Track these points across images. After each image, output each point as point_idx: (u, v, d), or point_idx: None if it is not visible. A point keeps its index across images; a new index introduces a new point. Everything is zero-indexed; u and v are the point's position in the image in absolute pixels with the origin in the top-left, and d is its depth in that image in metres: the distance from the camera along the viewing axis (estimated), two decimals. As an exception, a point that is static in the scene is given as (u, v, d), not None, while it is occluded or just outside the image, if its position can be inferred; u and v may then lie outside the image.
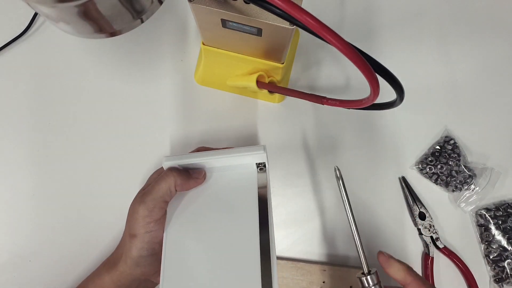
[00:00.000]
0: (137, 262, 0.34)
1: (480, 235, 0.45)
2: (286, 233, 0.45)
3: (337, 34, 0.22)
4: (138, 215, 0.33)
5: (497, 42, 0.50)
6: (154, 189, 0.33)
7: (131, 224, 0.34)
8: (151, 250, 0.34)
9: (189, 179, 0.34)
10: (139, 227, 0.33)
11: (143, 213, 0.33)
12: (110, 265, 0.37)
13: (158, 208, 0.33)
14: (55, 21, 0.30)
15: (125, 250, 0.35)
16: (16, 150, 0.47)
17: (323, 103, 0.37)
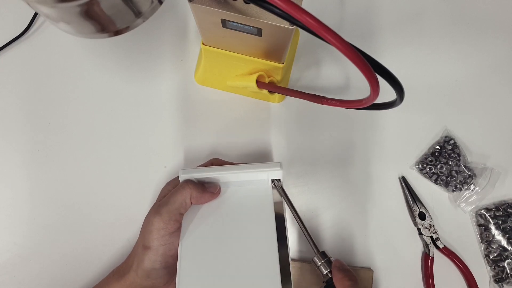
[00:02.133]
0: (149, 274, 0.34)
1: (480, 235, 0.45)
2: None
3: (337, 34, 0.22)
4: (153, 227, 0.33)
5: (497, 42, 0.50)
6: (169, 201, 0.33)
7: (146, 236, 0.34)
8: (165, 263, 0.34)
9: (204, 192, 0.34)
10: (153, 239, 0.33)
11: (158, 225, 0.33)
12: (120, 275, 0.37)
13: (173, 220, 0.33)
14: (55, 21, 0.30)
15: (137, 261, 0.35)
16: (16, 150, 0.47)
17: (323, 103, 0.37)
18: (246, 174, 0.35)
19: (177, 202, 0.33)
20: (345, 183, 0.46)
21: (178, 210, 0.34)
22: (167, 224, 0.33)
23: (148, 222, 0.34)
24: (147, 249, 0.34)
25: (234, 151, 0.47)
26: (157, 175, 0.46)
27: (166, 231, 0.33)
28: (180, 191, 0.34)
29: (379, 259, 0.45)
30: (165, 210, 0.33)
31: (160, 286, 0.35)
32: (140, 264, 0.34)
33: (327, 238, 0.45)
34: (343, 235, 0.45)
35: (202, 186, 0.35)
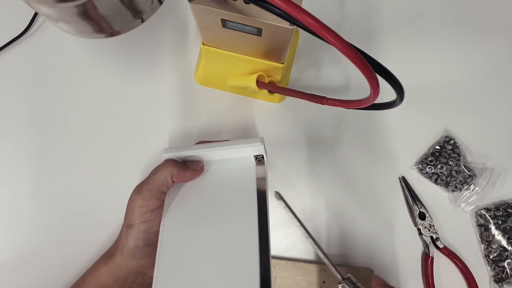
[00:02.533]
0: (133, 253, 0.34)
1: (480, 235, 0.45)
2: (286, 233, 0.45)
3: (337, 34, 0.22)
4: (134, 205, 0.34)
5: (498, 42, 0.50)
6: (150, 179, 0.34)
7: (128, 214, 0.34)
8: (147, 240, 0.34)
9: (186, 170, 0.34)
10: (135, 217, 0.34)
11: (139, 203, 0.33)
12: (107, 257, 0.37)
13: (154, 198, 0.34)
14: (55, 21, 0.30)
15: (122, 241, 0.35)
16: (16, 150, 0.47)
17: (323, 103, 0.37)
18: (228, 151, 0.34)
19: (157, 180, 0.34)
20: (345, 183, 0.46)
21: (159, 188, 0.34)
22: (148, 201, 0.33)
23: (130, 201, 0.34)
24: (130, 227, 0.34)
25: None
26: (157, 175, 0.46)
27: (147, 208, 0.33)
28: (161, 169, 0.34)
29: (379, 259, 0.45)
30: (145, 188, 0.34)
31: (147, 267, 0.35)
32: (125, 243, 0.34)
33: (327, 238, 0.45)
34: (343, 235, 0.45)
35: (184, 164, 0.35)
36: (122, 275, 0.36)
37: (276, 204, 0.46)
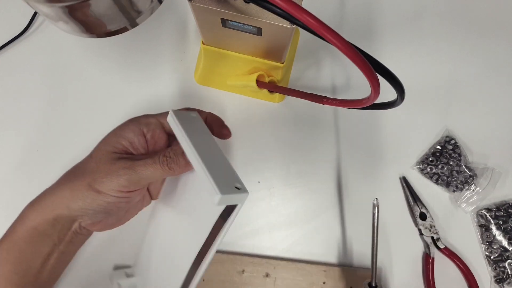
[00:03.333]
0: (85, 212, 0.32)
1: (481, 235, 0.45)
2: (286, 234, 0.45)
3: (337, 34, 0.22)
4: (119, 181, 0.31)
5: (498, 42, 0.50)
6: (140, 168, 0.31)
7: (105, 181, 0.31)
8: (108, 210, 0.32)
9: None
10: (113, 190, 0.31)
11: (124, 183, 0.31)
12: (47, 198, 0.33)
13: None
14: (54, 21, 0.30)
15: (80, 195, 0.31)
16: (15, 150, 0.47)
17: (323, 103, 0.36)
18: (203, 173, 0.29)
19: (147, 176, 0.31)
20: (345, 183, 0.46)
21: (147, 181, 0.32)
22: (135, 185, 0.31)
23: (112, 170, 0.31)
24: (97, 193, 0.31)
25: (234, 151, 0.47)
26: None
27: (129, 189, 0.31)
28: (151, 167, 0.31)
29: (379, 259, 0.44)
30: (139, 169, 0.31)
31: (88, 223, 0.33)
32: (82, 204, 0.31)
33: (327, 238, 0.45)
34: (343, 235, 0.45)
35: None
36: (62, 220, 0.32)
37: (276, 204, 0.46)
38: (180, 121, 0.31)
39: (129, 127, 0.33)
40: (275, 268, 0.43)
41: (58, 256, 0.34)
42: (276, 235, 0.45)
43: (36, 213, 0.33)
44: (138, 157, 0.33)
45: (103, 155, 0.32)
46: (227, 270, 0.44)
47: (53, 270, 0.34)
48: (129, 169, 0.31)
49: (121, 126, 0.34)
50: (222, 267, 0.44)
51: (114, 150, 0.32)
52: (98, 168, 0.31)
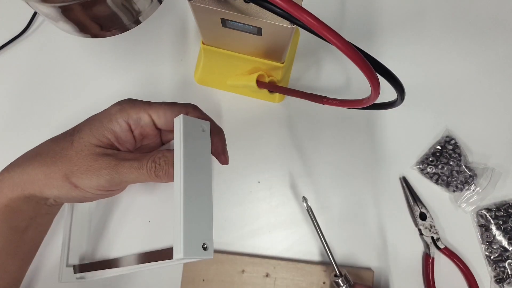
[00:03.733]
0: (60, 198, 0.30)
1: (481, 235, 0.45)
2: (286, 234, 0.45)
3: (337, 33, 0.22)
4: (99, 181, 0.28)
5: (498, 42, 0.49)
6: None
7: (84, 178, 0.28)
8: (83, 200, 0.31)
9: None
10: (91, 188, 0.29)
11: (104, 183, 0.29)
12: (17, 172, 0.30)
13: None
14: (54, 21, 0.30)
15: (54, 184, 0.29)
16: (14, 150, 0.47)
17: (323, 103, 0.36)
18: (179, 226, 0.26)
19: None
20: (345, 183, 0.46)
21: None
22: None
23: (100, 165, 0.28)
24: (76, 188, 0.28)
25: (234, 151, 0.47)
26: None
27: (107, 189, 0.29)
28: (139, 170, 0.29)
29: (379, 259, 0.44)
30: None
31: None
32: (52, 189, 0.29)
33: (327, 238, 0.45)
34: (343, 235, 0.45)
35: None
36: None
37: (276, 204, 0.46)
38: (185, 135, 0.28)
39: (117, 120, 0.30)
40: (275, 268, 0.43)
41: (36, 227, 0.33)
42: (276, 235, 0.45)
43: (7, 189, 0.30)
44: (123, 154, 0.30)
45: (86, 147, 0.29)
46: (227, 270, 0.44)
47: (32, 242, 0.33)
48: (112, 170, 0.28)
49: (109, 116, 0.30)
50: (222, 267, 0.44)
51: (98, 144, 0.29)
52: (78, 161, 0.28)
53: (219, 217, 0.46)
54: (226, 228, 0.45)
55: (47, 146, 0.30)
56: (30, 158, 0.30)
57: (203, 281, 0.43)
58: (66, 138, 0.30)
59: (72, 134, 0.30)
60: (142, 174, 0.29)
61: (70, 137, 0.29)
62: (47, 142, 0.31)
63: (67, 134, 0.30)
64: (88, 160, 0.28)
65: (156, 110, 0.31)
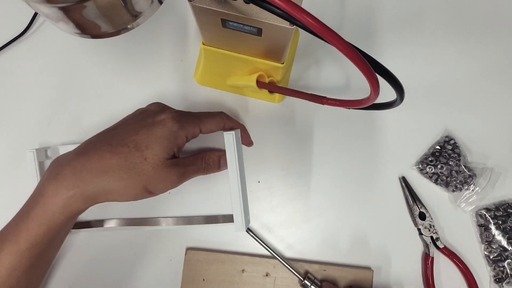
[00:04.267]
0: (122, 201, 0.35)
1: (480, 235, 0.45)
2: (286, 233, 0.45)
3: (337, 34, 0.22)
4: (172, 185, 0.36)
5: (498, 42, 0.50)
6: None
7: (160, 186, 0.35)
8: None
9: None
10: (162, 191, 0.36)
11: (174, 186, 0.37)
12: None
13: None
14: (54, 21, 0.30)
15: (133, 194, 0.35)
16: (16, 150, 0.47)
17: (323, 103, 0.37)
18: (239, 208, 0.39)
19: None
20: (345, 183, 0.46)
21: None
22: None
23: (169, 173, 0.36)
24: (149, 193, 0.35)
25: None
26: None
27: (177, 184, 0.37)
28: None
29: (379, 259, 0.45)
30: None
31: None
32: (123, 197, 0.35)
33: (327, 238, 0.45)
34: (343, 235, 0.45)
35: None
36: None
37: (276, 204, 0.46)
38: (237, 145, 0.38)
39: (180, 136, 0.36)
40: (275, 268, 0.44)
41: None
42: (276, 235, 0.45)
43: (80, 203, 0.33)
44: (183, 160, 0.37)
45: (160, 162, 0.34)
46: (227, 270, 0.44)
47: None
48: (182, 176, 0.37)
49: (174, 133, 0.35)
50: (222, 266, 0.44)
51: (167, 157, 0.35)
52: (155, 174, 0.34)
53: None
54: (226, 228, 0.46)
55: (115, 162, 0.34)
56: (100, 175, 0.33)
57: (203, 281, 0.44)
58: (135, 154, 0.34)
59: (141, 150, 0.34)
60: (198, 174, 0.39)
61: (141, 153, 0.34)
62: (111, 159, 0.34)
63: (131, 150, 0.34)
64: (163, 172, 0.35)
65: (204, 124, 0.38)
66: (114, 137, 0.35)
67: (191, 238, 0.45)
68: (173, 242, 0.45)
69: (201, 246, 0.45)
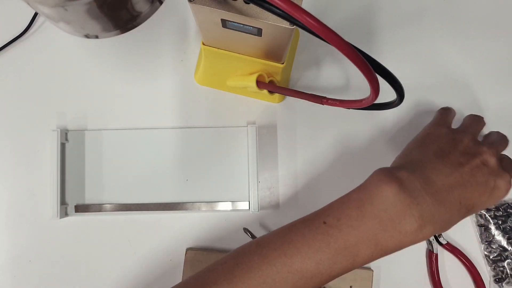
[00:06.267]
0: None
1: (480, 235, 0.45)
2: (286, 233, 0.45)
3: (337, 34, 0.22)
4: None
5: (498, 42, 0.50)
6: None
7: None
8: None
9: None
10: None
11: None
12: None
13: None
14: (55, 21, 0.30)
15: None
16: (16, 150, 0.47)
17: (323, 103, 0.37)
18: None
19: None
20: (346, 183, 0.46)
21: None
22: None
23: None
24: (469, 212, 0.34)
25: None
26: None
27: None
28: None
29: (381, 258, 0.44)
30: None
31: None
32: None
33: (327, 238, 0.45)
34: (343, 235, 0.45)
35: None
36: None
37: (276, 204, 0.46)
38: (257, 138, 0.46)
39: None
40: (275, 268, 0.44)
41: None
42: (276, 235, 0.45)
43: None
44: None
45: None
46: (227, 270, 0.44)
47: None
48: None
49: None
50: (222, 266, 0.44)
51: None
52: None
53: (219, 217, 0.46)
54: (226, 228, 0.46)
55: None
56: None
57: (204, 281, 0.43)
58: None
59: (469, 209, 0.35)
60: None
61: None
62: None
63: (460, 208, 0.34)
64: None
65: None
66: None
67: (191, 238, 0.45)
68: (173, 242, 0.45)
69: (201, 246, 0.45)
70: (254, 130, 0.45)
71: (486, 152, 0.36)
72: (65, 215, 0.45)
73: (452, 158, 0.35)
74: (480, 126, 0.42)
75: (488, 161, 0.35)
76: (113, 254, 0.45)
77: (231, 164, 0.46)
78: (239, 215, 0.46)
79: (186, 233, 0.46)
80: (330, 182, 0.46)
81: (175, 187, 0.46)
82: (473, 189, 0.33)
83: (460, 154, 0.36)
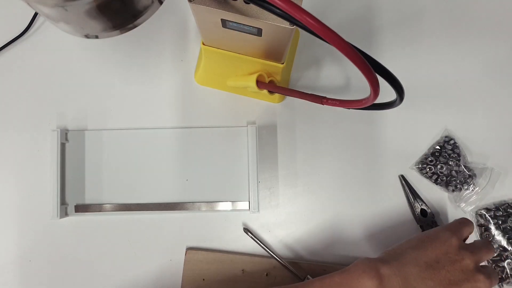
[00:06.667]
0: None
1: (480, 235, 0.45)
2: (286, 233, 0.45)
3: (337, 34, 0.22)
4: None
5: (498, 42, 0.50)
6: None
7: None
8: None
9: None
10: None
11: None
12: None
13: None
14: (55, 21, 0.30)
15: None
16: (16, 150, 0.47)
17: (323, 103, 0.37)
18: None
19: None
20: (345, 183, 0.46)
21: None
22: None
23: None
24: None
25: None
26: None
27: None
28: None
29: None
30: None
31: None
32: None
33: (327, 238, 0.45)
34: (343, 234, 0.45)
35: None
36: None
37: (276, 204, 0.46)
38: (256, 138, 0.46)
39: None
40: (275, 268, 0.44)
41: None
42: (276, 235, 0.45)
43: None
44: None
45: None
46: (227, 270, 0.44)
47: None
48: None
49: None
50: (222, 266, 0.44)
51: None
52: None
53: (219, 217, 0.46)
54: (226, 228, 0.46)
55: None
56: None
57: (204, 281, 0.44)
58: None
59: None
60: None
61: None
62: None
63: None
64: None
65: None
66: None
67: (191, 238, 0.45)
68: (173, 242, 0.45)
69: (201, 246, 0.45)
70: (254, 130, 0.45)
71: (481, 281, 0.36)
72: (65, 215, 0.45)
73: (443, 274, 0.35)
74: (490, 254, 0.39)
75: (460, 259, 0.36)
76: (113, 254, 0.45)
77: (231, 164, 0.46)
78: (239, 215, 0.46)
79: (186, 233, 0.46)
80: (330, 182, 0.46)
81: (175, 187, 0.46)
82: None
83: (455, 272, 0.36)
